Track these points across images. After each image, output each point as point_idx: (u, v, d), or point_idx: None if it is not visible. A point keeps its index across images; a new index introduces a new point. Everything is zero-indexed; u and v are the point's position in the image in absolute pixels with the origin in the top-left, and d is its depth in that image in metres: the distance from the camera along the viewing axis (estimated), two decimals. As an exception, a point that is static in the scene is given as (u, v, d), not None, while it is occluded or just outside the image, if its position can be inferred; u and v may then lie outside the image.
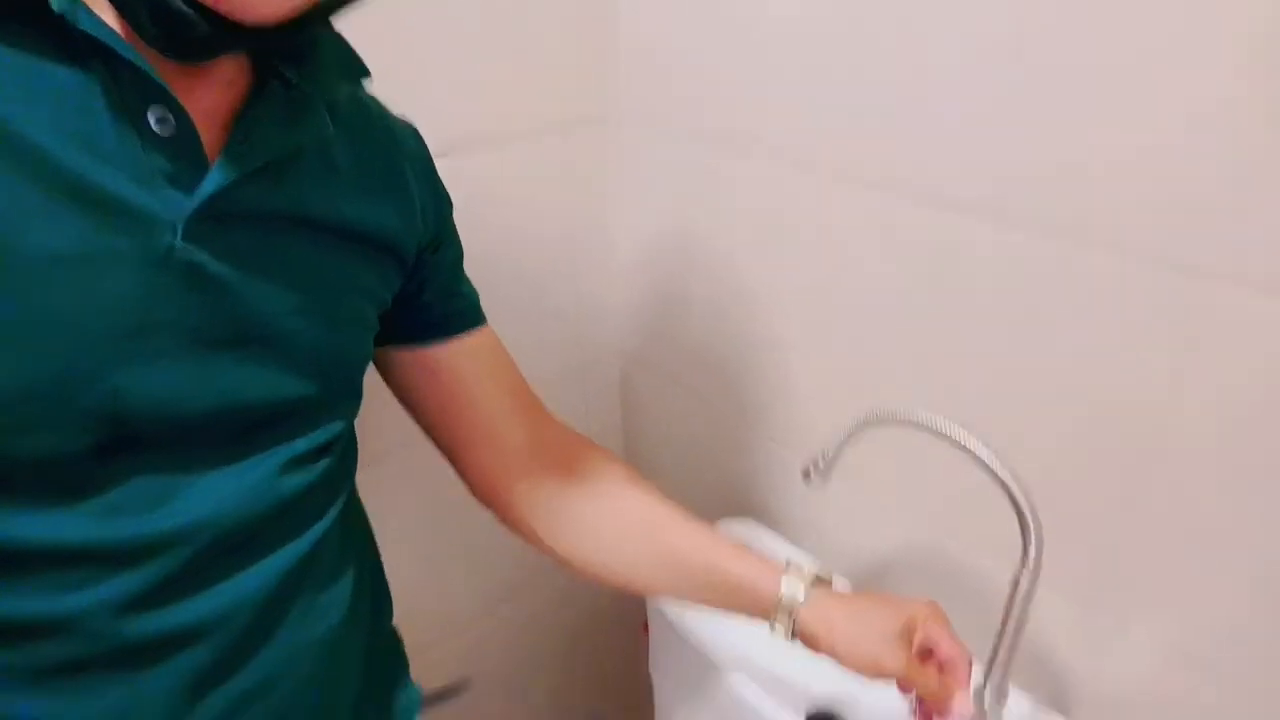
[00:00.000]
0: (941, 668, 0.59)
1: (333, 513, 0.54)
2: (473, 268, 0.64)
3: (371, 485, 0.65)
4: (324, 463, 0.52)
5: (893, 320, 0.74)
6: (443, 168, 0.60)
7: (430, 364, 0.62)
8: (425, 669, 0.70)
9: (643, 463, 1.12)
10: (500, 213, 0.86)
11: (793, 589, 0.59)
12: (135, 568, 0.44)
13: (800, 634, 0.60)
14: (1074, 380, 0.63)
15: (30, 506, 0.41)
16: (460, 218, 0.62)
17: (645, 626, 0.89)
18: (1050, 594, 0.68)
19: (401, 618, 0.68)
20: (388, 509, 0.68)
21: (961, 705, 0.59)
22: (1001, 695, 0.63)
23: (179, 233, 0.41)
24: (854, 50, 0.69)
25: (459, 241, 0.63)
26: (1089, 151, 0.58)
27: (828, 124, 0.72)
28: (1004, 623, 0.60)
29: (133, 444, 0.43)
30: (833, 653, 0.59)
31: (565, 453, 0.66)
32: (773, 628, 0.61)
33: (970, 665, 0.59)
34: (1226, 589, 0.60)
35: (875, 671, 0.57)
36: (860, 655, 0.57)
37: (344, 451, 0.55)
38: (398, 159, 0.55)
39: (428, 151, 0.59)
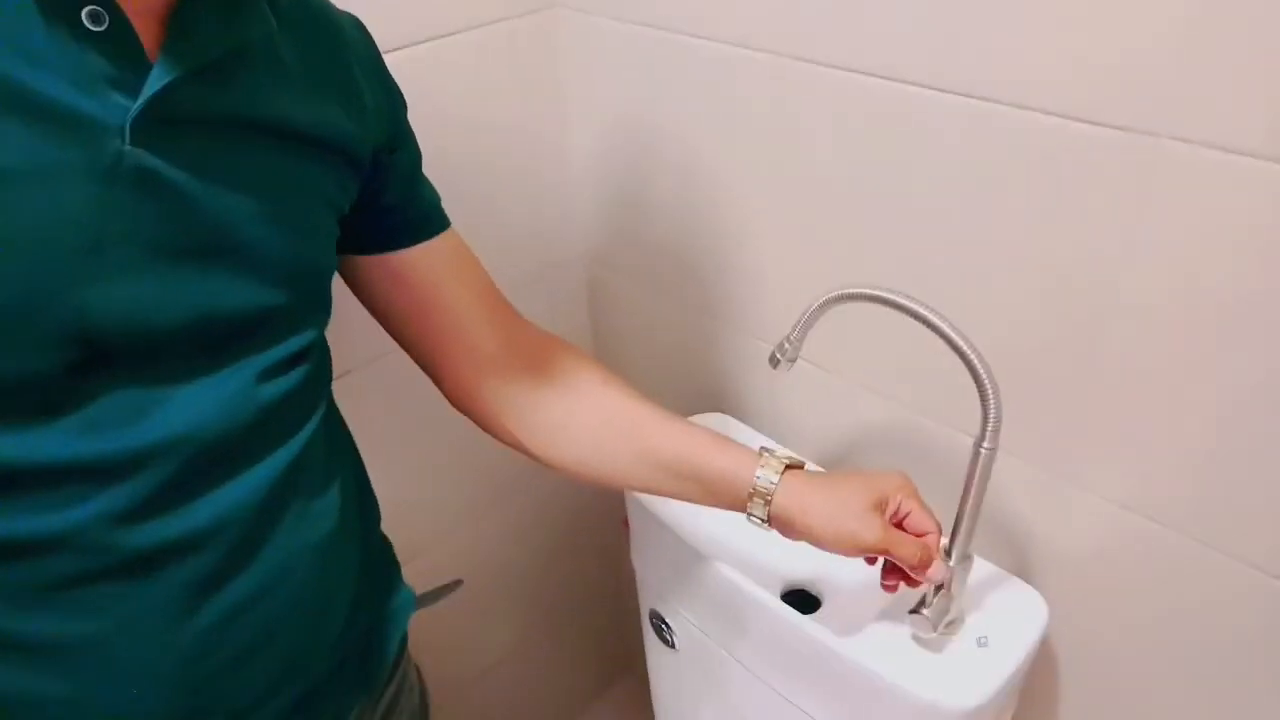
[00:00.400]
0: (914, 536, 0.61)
1: (314, 421, 0.54)
2: (430, 169, 0.63)
3: (348, 396, 0.65)
4: (299, 372, 0.52)
5: (852, 200, 0.74)
6: (392, 63, 0.58)
7: (397, 270, 0.61)
8: (413, 576, 0.71)
9: (612, 361, 1.12)
10: (449, 110, 0.84)
11: (766, 476, 0.60)
12: (123, 481, 0.44)
13: (776, 519, 0.61)
14: (1028, 247, 0.64)
15: (8, 426, 0.41)
16: (413, 117, 0.60)
17: (626, 521, 0.91)
18: (1011, 459, 0.71)
19: (387, 527, 0.69)
20: (366, 420, 0.68)
21: (937, 570, 0.62)
22: (965, 560, 0.66)
23: (126, 138, 0.40)
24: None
25: (416, 143, 0.61)
26: (1034, 11, 0.57)
27: (778, 2, 0.71)
28: (966, 489, 0.62)
29: (105, 360, 0.43)
30: (809, 534, 0.60)
31: (538, 353, 0.66)
32: (749, 517, 0.62)
33: (941, 532, 0.62)
34: (1182, 438, 0.62)
35: (853, 546, 0.59)
36: (837, 532, 0.59)
37: (319, 361, 0.56)
38: (344, 56, 0.53)
39: (375, 46, 0.57)
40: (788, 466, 0.62)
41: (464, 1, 0.82)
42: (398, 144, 0.58)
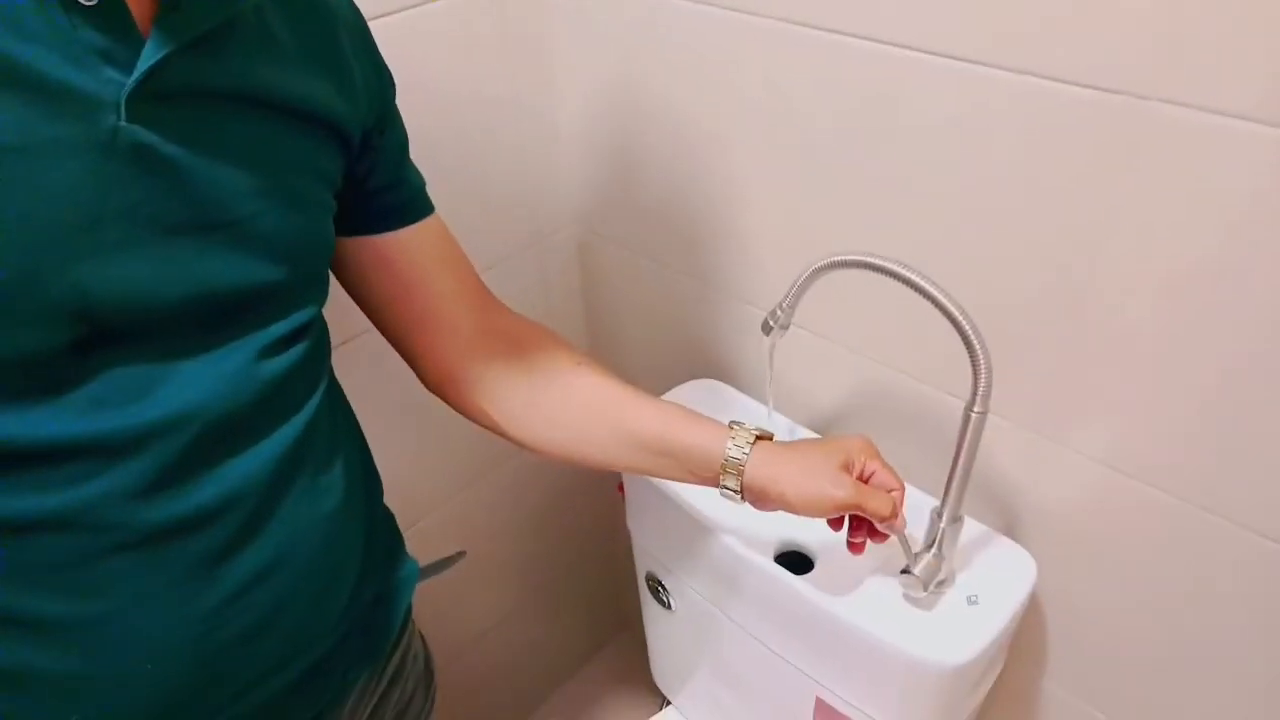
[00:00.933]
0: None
1: (317, 396, 0.54)
2: (416, 141, 0.62)
3: (339, 367, 0.65)
4: (299, 348, 0.52)
5: (842, 165, 0.74)
6: (376, 31, 0.57)
7: (380, 253, 0.61)
8: (409, 542, 0.72)
9: (605, 329, 1.13)
10: (437, 78, 0.83)
11: (736, 449, 0.61)
12: (129, 458, 0.44)
13: (749, 490, 0.62)
14: (1017, 211, 0.64)
15: (11, 404, 0.41)
16: (401, 84, 0.59)
17: (621, 486, 0.92)
18: (1000, 421, 0.72)
19: (386, 497, 0.69)
20: (356, 389, 0.68)
21: (903, 520, 0.64)
22: (955, 521, 0.67)
23: (122, 113, 0.40)
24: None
25: (403, 125, 0.61)
26: None
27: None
28: (957, 452, 0.63)
29: (106, 337, 0.43)
30: (783, 500, 0.61)
31: (515, 337, 0.67)
32: (722, 490, 0.63)
33: (904, 488, 0.63)
34: (1168, 399, 0.62)
35: (827, 505, 0.60)
36: (809, 494, 0.60)
37: (318, 337, 0.56)
38: (335, 31, 0.53)
39: (364, 22, 0.56)
40: (757, 438, 0.62)
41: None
42: (386, 125, 0.58)
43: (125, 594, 0.46)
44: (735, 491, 0.63)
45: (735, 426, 0.63)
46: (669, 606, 0.93)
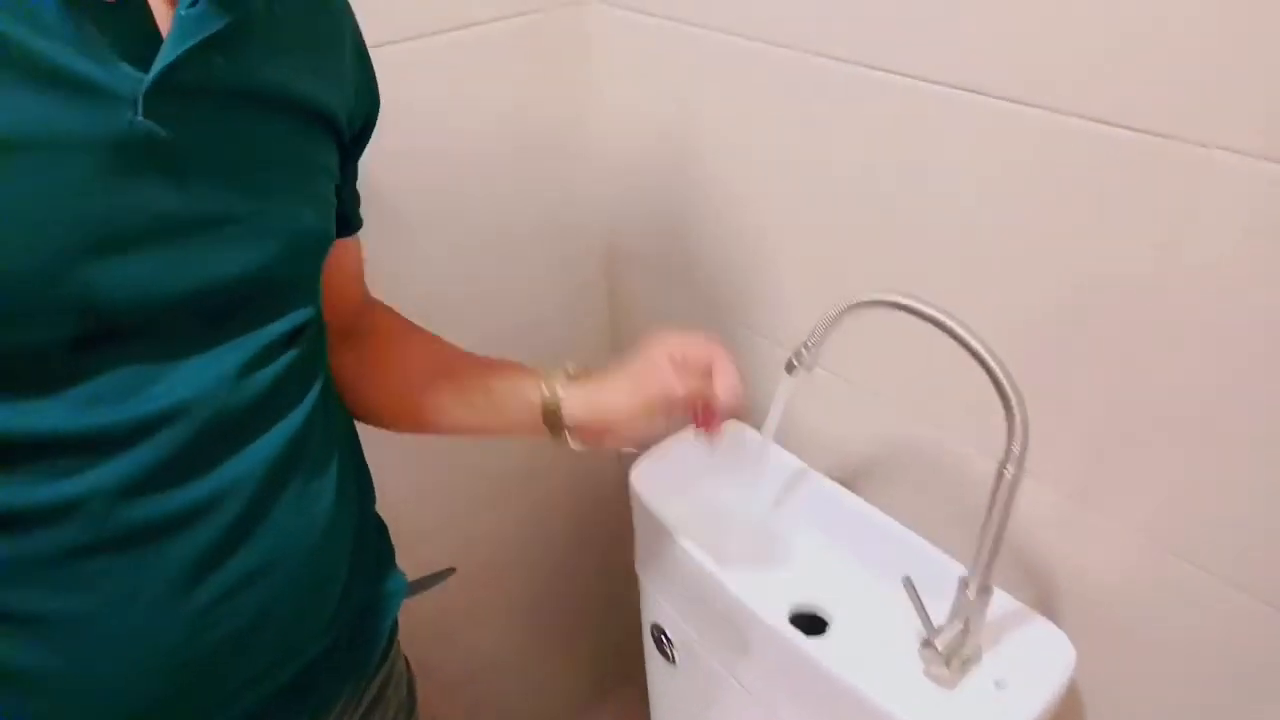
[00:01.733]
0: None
1: (312, 397, 0.54)
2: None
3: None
4: (299, 346, 0.52)
5: (875, 203, 0.72)
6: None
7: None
8: (406, 568, 0.70)
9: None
10: (480, 98, 0.85)
11: (550, 385, 0.63)
12: (122, 454, 0.44)
13: (576, 428, 0.63)
14: (1057, 258, 0.61)
15: (8, 397, 0.41)
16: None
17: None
18: (1036, 485, 0.67)
19: (385, 516, 0.69)
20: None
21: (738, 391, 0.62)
22: (985, 592, 0.62)
23: (139, 109, 0.40)
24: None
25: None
26: (1064, 13, 0.55)
27: (805, 1, 0.70)
28: (988, 514, 0.59)
29: (107, 332, 0.43)
30: (617, 420, 0.62)
31: (362, 326, 0.68)
32: (549, 432, 0.63)
33: (725, 354, 0.61)
34: (1219, 471, 0.58)
35: (667, 405, 0.60)
36: (643, 401, 0.61)
37: (316, 337, 0.56)
38: (339, 33, 0.54)
39: (359, 29, 0.57)
40: (569, 375, 0.63)
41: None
42: (365, 136, 0.59)
43: (112, 591, 0.46)
44: (561, 434, 0.63)
45: (546, 369, 0.64)
46: (673, 661, 0.90)
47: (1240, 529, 0.58)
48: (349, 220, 0.62)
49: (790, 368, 0.68)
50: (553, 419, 0.62)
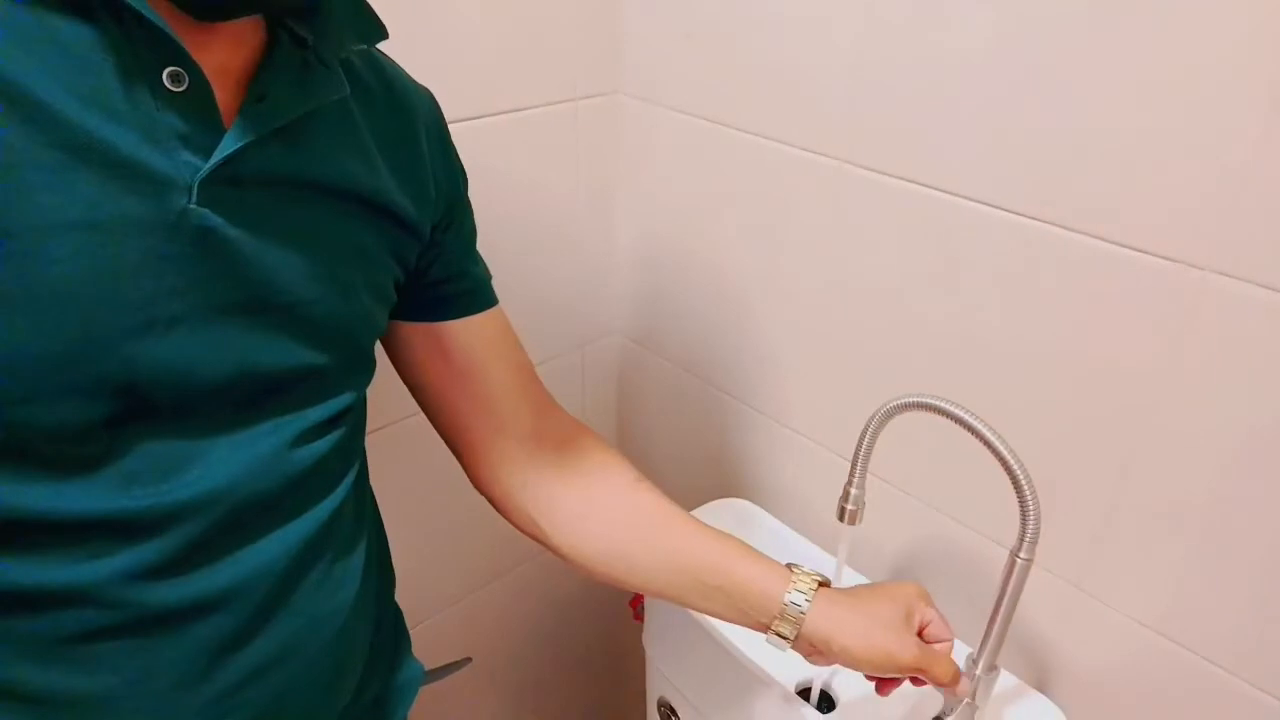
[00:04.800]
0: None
1: (347, 483, 0.53)
2: (483, 235, 0.63)
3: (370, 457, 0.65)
4: (336, 434, 0.51)
5: (893, 305, 0.75)
6: (458, 133, 0.59)
7: (438, 341, 0.60)
8: (418, 643, 0.70)
9: (637, 441, 1.12)
10: (510, 181, 0.86)
11: (800, 594, 0.58)
12: (151, 538, 0.43)
13: (805, 640, 0.59)
14: (1070, 365, 0.64)
15: (44, 477, 0.40)
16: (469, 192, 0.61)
17: (636, 612, 0.89)
18: (1039, 571, 0.70)
19: (398, 592, 0.68)
20: (384, 482, 0.68)
21: (965, 685, 0.61)
22: (991, 671, 0.64)
23: (194, 196, 0.40)
24: (864, 36, 0.70)
25: (473, 218, 0.62)
26: (1090, 141, 0.59)
27: (833, 108, 0.73)
28: (999, 599, 0.61)
29: (146, 413, 0.42)
30: (845, 655, 0.58)
31: (569, 441, 0.65)
32: (771, 638, 0.60)
33: (953, 640, 0.61)
34: (1215, 564, 0.61)
35: (890, 665, 0.57)
36: (875, 652, 0.57)
37: (355, 423, 0.55)
38: (414, 128, 0.54)
39: (444, 121, 0.58)
40: (819, 584, 0.59)
41: (534, 81, 0.85)
42: (455, 219, 0.58)
43: (127, 675, 0.44)
44: (786, 640, 0.59)
45: (795, 570, 0.60)
46: (680, 735, 0.89)
47: (1238, 616, 0.60)
48: (463, 299, 0.60)
49: (842, 514, 0.67)
50: (789, 624, 0.58)
